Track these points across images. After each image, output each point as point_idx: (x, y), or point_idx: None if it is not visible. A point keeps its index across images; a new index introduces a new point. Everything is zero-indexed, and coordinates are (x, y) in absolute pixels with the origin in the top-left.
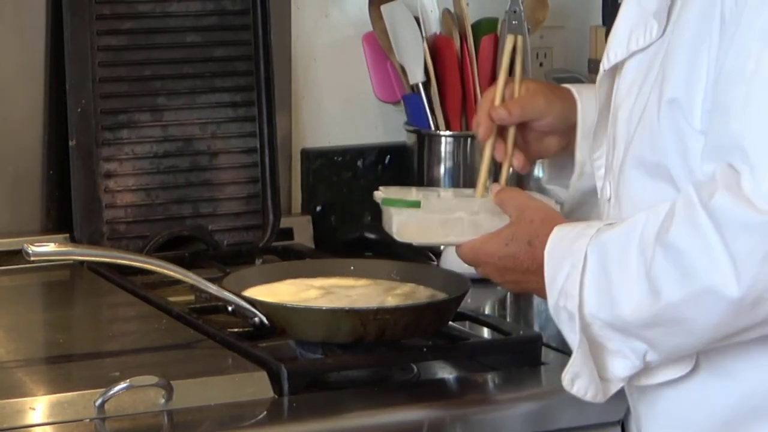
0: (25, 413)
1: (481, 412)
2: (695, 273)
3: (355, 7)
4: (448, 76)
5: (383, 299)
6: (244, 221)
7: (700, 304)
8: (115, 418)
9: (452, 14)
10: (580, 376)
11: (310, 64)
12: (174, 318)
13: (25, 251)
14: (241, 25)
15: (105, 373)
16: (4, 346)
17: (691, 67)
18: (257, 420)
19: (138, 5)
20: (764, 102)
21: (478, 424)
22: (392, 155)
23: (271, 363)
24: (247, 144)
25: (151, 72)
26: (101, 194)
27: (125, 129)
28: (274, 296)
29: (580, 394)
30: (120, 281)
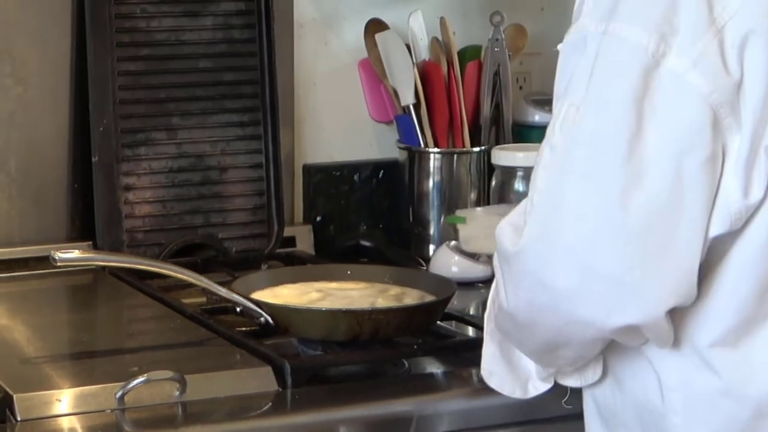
0: (52, 404)
1: (466, 403)
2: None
3: (352, 36)
4: (437, 99)
5: (377, 301)
6: (250, 230)
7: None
8: (133, 409)
9: (440, 42)
10: (494, 373)
11: (310, 87)
12: (187, 318)
13: (52, 257)
14: (248, 52)
15: (124, 368)
16: (33, 344)
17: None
18: (263, 411)
19: (154, 33)
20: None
21: (463, 415)
22: (385, 170)
23: (275, 359)
24: (253, 160)
25: (166, 94)
26: (121, 205)
27: (143, 146)
28: (278, 298)
29: (498, 389)
30: (138, 285)
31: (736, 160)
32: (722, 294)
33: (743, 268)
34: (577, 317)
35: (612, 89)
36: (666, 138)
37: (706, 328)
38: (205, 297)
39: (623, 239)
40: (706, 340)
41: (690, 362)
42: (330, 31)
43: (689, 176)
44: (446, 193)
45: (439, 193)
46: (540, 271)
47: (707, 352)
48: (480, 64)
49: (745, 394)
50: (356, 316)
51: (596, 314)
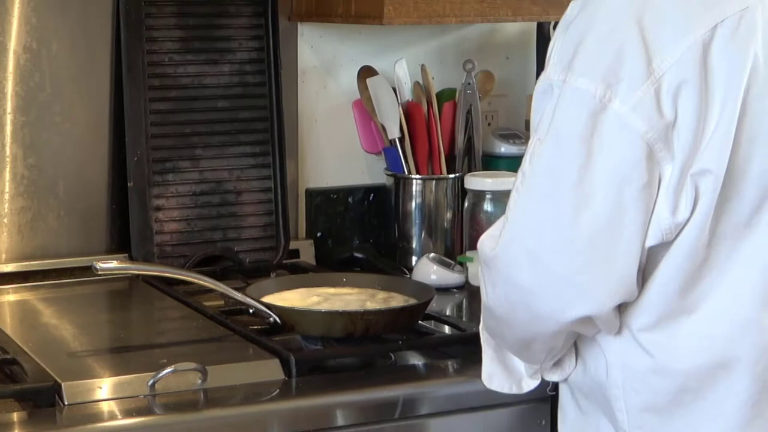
0: (94, 391)
1: (442, 389)
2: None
3: (347, 81)
4: (418, 133)
5: (368, 304)
6: (261, 244)
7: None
8: (162, 395)
9: (421, 86)
10: (493, 376)
11: (312, 124)
12: (208, 318)
13: (94, 267)
14: (260, 94)
15: (155, 360)
16: (78, 340)
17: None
18: (271, 396)
19: (180, 78)
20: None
21: (440, 399)
22: (375, 194)
23: (282, 352)
24: (264, 185)
25: (190, 130)
26: (152, 223)
27: (171, 173)
28: (284, 301)
29: (499, 389)
30: (166, 290)
31: (667, 186)
32: (654, 290)
33: (671, 271)
34: (541, 311)
35: (567, 128)
36: (609, 168)
37: (640, 317)
38: (223, 300)
39: (574, 249)
40: (640, 327)
41: (628, 345)
42: (328, 76)
43: (628, 200)
44: (426, 213)
45: (420, 213)
46: (511, 272)
47: (641, 336)
48: (455, 104)
49: (672, 371)
50: (350, 317)
51: (555, 308)
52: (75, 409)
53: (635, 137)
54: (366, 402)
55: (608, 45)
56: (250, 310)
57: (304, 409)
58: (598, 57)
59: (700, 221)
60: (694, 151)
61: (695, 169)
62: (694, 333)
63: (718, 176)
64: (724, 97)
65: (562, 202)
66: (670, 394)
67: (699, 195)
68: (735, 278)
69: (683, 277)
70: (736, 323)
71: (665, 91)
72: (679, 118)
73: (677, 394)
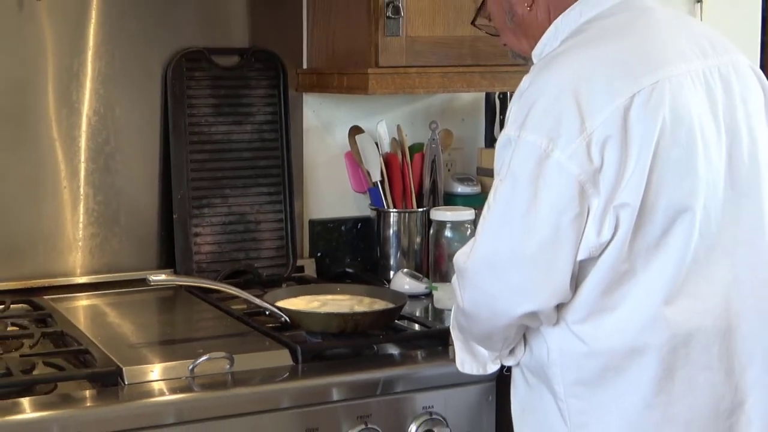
0: (147, 374)
1: (414, 373)
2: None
3: (341, 137)
4: (395, 177)
5: (356, 307)
6: (275, 262)
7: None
8: (200, 377)
9: (397, 141)
10: (465, 362)
11: (314, 170)
12: (234, 318)
13: (147, 279)
14: (274, 147)
15: (194, 350)
16: (135, 335)
17: None
18: (283, 378)
19: (213, 135)
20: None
21: (412, 380)
22: (362, 223)
23: (291, 344)
24: (277, 217)
25: (221, 174)
26: (192, 246)
27: (206, 208)
28: (293, 305)
29: (470, 372)
30: (203, 297)
31: (594, 216)
32: (584, 293)
33: (596, 279)
34: (498, 309)
35: (520, 171)
36: (551, 202)
37: (574, 313)
38: (245, 305)
39: (524, 263)
40: (574, 321)
41: (564, 335)
42: (326, 133)
43: (564, 226)
44: (401, 238)
45: (396, 238)
46: (477, 280)
47: (574, 328)
48: (423, 155)
49: (598, 354)
50: (343, 317)
51: (509, 307)
52: (133, 387)
53: (571, 179)
54: (355, 382)
55: (552, 110)
56: (267, 312)
57: (307, 388)
58: (544, 118)
59: (619, 242)
60: (616, 189)
61: (616, 203)
62: (614, 325)
63: (634, 208)
64: (639, 149)
65: (516, 228)
66: (596, 371)
67: (619, 222)
68: (646, 285)
69: (606, 284)
70: (646, 318)
71: (594, 144)
72: (604, 164)
73: (602, 372)
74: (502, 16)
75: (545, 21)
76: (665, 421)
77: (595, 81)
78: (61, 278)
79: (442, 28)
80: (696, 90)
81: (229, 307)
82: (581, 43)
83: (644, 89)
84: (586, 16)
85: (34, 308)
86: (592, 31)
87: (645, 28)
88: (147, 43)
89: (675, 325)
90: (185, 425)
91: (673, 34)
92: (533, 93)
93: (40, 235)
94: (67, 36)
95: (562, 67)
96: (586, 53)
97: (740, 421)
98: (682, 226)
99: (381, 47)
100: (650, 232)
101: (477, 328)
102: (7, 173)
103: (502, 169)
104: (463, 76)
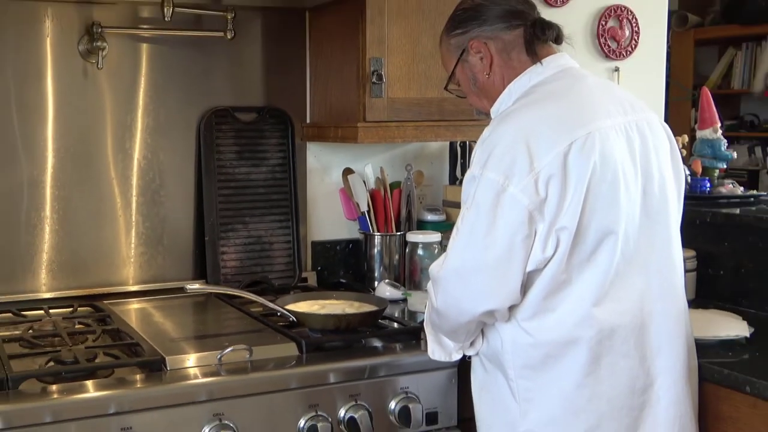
0: (185, 362)
1: (393, 361)
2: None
3: (336, 176)
4: (378, 208)
5: (348, 310)
6: (285, 274)
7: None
8: (226, 364)
9: (380, 179)
10: (435, 351)
11: (315, 202)
12: (253, 318)
13: (184, 288)
14: (284, 184)
15: (221, 343)
16: (175, 331)
17: None
18: (291, 365)
19: (236, 175)
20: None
21: (392, 366)
22: (353, 244)
23: (297, 339)
24: (286, 239)
25: (242, 205)
26: (220, 262)
27: (231, 232)
28: (299, 308)
29: (439, 359)
30: (228, 301)
31: (539, 236)
32: (531, 297)
33: (541, 286)
34: (461, 308)
35: (482, 201)
36: (506, 226)
37: (523, 312)
38: (261, 308)
39: (485, 272)
40: (522, 318)
41: (515, 329)
42: (325, 174)
43: (516, 245)
44: (383, 256)
45: (379, 256)
46: (447, 285)
47: (523, 324)
48: (400, 191)
49: (541, 345)
50: (338, 317)
51: (470, 306)
52: (173, 372)
53: (522, 208)
54: (347, 368)
55: (507, 153)
56: (278, 313)
57: (310, 373)
58: (501, 160)
59: (559, 257)
60: (557, 216)
61: (558, 226)
62: (554, 322)
63: (571, 231)
64: (576, 185)
65: (479, 245)
66: (540, 358)
67: (559, 242)
68: (579, 291)
69: (548, 290)
70: (579, 317)
71: (541, 181)
72: (548, 196)
73: (544, 358)
74: (468, 82)
75: (500, 85)
76: (593, 397)
77: (541, 132)
78: (117, 287)
79: (415, 92)
80: (619, 140)
81: (249, 310)
82: (530, 102)
83: (579, 138)
84: (533, 81)
85: (96, 310)
86: (539, 93)
87: (579, 92)
88: (185, 103)
89: (601, 322)
90: (214, 402)
91: (601, 96)
92: (493, 140)
93: (101, 253)
94: (122, 97)
95: (516, 121)
96: (535, 110)
97: (651, 398)
98: (607, 246)
99: (368, 106)
100: (583, 250)
101: (446, 324)
102: (76, 205)
103: (468, 199)
104: (432, 128)
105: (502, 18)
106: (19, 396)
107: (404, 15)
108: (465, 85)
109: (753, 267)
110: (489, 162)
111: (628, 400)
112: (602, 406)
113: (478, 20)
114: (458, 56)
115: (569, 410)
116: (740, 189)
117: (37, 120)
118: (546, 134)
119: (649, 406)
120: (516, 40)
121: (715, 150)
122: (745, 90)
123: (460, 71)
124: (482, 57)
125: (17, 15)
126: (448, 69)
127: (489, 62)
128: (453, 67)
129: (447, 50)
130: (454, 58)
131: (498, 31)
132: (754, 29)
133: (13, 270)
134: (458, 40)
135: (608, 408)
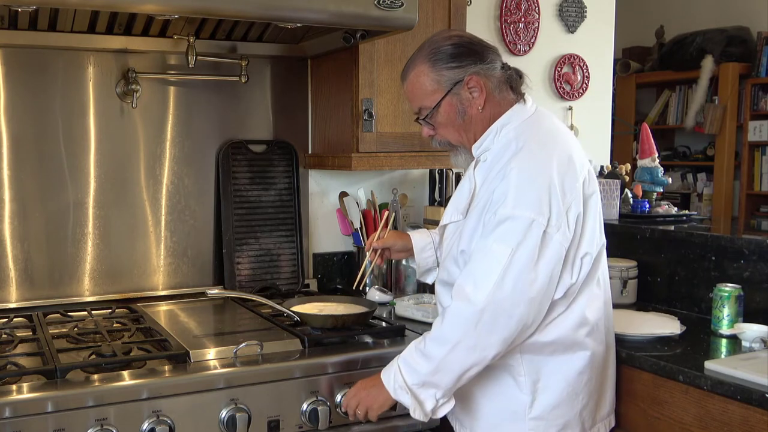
0: (206, 355)
1: (383, 354)
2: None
3: (333, 199)
4: (369, 225)
5: (343, 310)
6: (290, 281)
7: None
8: (240, 357)
9: (371, 201)
10: (415, 412)
11: (316, 220)
12: (263, 318)
13: (206, 293)
14: (290, 206)
15: (236, 339)
16: (198, 330)
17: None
18: (296, 357)
19: (249, 198)
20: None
21: (381, 358)
22: (347, 256)
23: (301, 335)
24: (292, 251)
25: (254, 223)
26: (235, 270)
27: (244, 246)
28: (302, 310)
29: (419, 419)
30: (242, 304)
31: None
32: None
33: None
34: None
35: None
36: (547, 262)
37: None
38: (271, 309)
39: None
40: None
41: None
42: (324, 197)
43: (554, 276)
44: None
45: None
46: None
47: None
48: (387, 210)
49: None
50: (335, 317)
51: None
52: (196, 364)
53: (560, 246)
54: (343, 360)
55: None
56: (285, 314)
57: (312, 364)
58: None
59: (581, 279)
60: (580, 244)
61: (581, 254)
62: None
63: (592, 255)
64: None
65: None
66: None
67: (582, 266)
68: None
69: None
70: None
71: (571, 218)
72: (576, 229)
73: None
74: (454, 116)
75: (488, 121)
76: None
77: (562, 170)
78: (148, 291)
79: (400, 127)
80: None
81: (260, 311)
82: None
83: (585, 171)
84: (515, 123)
85: (131, 312)
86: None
87: (565, 135)
88: (206, 136)
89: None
90: (231, 389)
91: (572, 137)
92: (520, 179)
93: (135, 263)
94: (153, 131)
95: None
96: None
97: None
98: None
99: (360, 139)
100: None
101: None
102: (114, 223)
103: (509, 238)
104: (414, 158)
105: (493, 58)
106: (66, 384)
107: (390, 61)
108: (447, 117)
109: (685, 275)
110: (521, 200)
111: (601, 375)
112: (592, 385)
113: (475, 57)
114: (448, 89)
115: (572, 394)
116: (674, 209)
117: (81, 151)
118: (567, 171)
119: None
120: (502, 79)
121: (654, 176)
122: (679, 125)
123: (447, 104)
124: (478, 92)
125: (65, 62)
126: (426, 101)
127: (484, 98)
128: (439, 98)
129: (430, 81)
130: (442, 90)
131: (493, 70)
132: (686, 74)
133: (61, 277)
134: (453, 74)
135: (595, 384)
